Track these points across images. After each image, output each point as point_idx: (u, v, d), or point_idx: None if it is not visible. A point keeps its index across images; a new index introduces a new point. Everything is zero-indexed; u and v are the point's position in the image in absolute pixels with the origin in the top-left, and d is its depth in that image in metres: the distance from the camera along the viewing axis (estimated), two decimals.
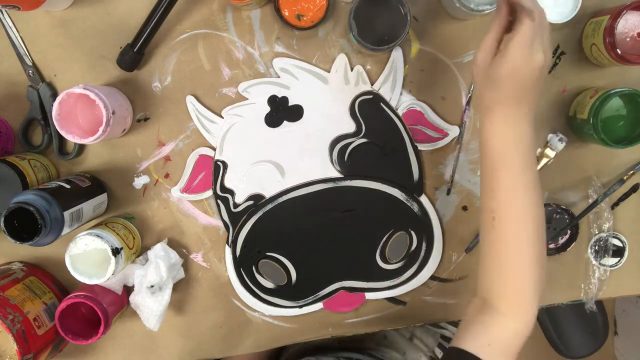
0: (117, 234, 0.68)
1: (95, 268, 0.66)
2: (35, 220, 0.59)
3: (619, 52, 0.62)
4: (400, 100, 0.71)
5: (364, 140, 0.71)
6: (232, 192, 0.73)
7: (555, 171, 0.72)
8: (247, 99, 0.72)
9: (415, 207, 0.72)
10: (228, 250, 0.75)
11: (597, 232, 0.72)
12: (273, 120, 0.72)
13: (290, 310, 0.75)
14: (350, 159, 0.71)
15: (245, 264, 0.74)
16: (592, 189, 0.71)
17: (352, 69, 0.70)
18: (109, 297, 0.70)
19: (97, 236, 0.65)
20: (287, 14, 0.67)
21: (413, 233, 0.73)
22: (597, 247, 0.72)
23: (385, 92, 0.71)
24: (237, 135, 0.72)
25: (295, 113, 0.71)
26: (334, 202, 0.72)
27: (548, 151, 0.71)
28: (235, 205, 0.73)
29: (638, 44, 0.63)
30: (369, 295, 0.75)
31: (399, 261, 0.73)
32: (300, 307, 0.75)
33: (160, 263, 0.70)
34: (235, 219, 0.74)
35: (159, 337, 0.75)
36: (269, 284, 0.75)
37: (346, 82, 0.71)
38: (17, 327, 0.63)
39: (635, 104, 0.64)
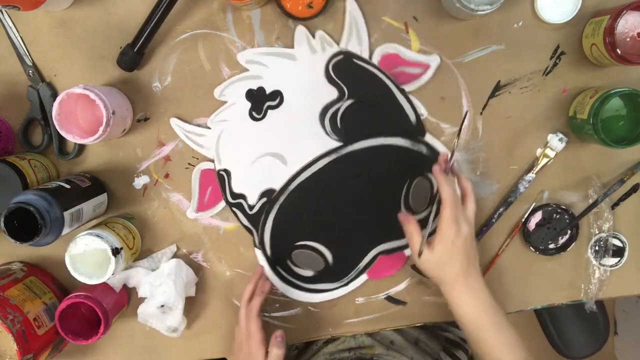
0: (117, 234, 0.68)
1: (95, 268, 0.66)
2: (35, 220, 0.59)
3: (619, 52, 0.62)
4: (372, 50, 0.70)
5: (350, 101, 0.70)
6: (243, 196, 0.73)
7: (555, 171, 0.72)
8: (226, 101, 0.72)
9: (423, 149, 0.71)
10: (259, 253, 0.74)
11: (597, 232, 0.72)
12: (257, 113, 0.71)
13: (338, 291, 0.74)
14: (343, 124, 0.71)
15: (279, 261, 0.74)
16: (592, 189, 0.71)
17: (314, 37, 0.70)
18: (109, 297, 0.70)
19: (97, 236, 0.65)
20: (289, 6, 0.67)
21: (430, 175, 0.71)
22: (597, 247, 0.72)
23: (353, 47, 0.70)
24: (229, 140, 0.72)
25: (275, 99, 0.71)
26: (342, 171, 0.72)
27: (548, 151, 0.71)
28: (251, 207, 0.73)
29: (638, 44, 0.63)
30: (408, 252, 0.73)
31: (426, 208, 0.72)
32: (346, 284, 0.74)
33: (172, 284, 0.70)
34: (255, 220, 0.74)
35: (159, 337, 0.75)
36: (308, 273, 0.74)
37: (312, 51, 0.70)
38: (17, 327, 0.63)
39: (635, 104, 0.64)
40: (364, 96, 0.70)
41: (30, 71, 0.71)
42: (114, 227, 0.69)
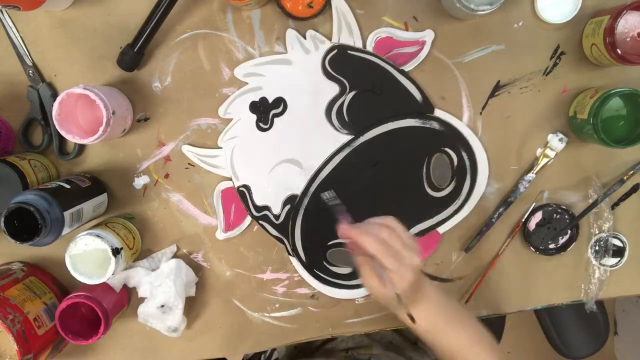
0: (117, 234, 0.68)
1: (95, 268, 0.66)
2: (35, 220, 0.59)
3: (619, 52, 0.62)
4: (365, 38, 0.70)
5: (352, 93, 0.71)
6: (267, 208, 0.73)
7: (555, 171, 0.72)
8: (232, 119, 0.72)
9: (435, 125, 0.71)
10: (294, 260, 0.74)
11: (597, 232, 0.72)
12: (264, 123, 0.72)
13: None
14: (350, 117, 0.71)
15: (316, 264, 0.74)
16: (592, 189, 0.71)
17: (305, 37, 0.70)
18: (109, 297, 0.70)
19: (97, 236, 0.65)
20: (289, 6, 0.67)
21: (447, 149, 0.71)
22: (597, 247, 0.72)
23: (346, 39, 0.70)
24: (242, 155, 0.73)
25: (279, 106, 0.71)
26: (359, 163, 0.72)
27: (548, 151, 0.71)
28: (277, 217, 0.73)
29: (638, 44, 0.63)
30: (442, 229, 0.73)
31: (449, 182, 0.72)
32: None
33: (172, 284, 0.70)
34: (283, 229, 0.74)
35: (159, 337, 0.75)
36: (346, 270, 0.74)
37: (306, 52, 0.70)
38: (17, 327, 0.63)
39: (635, 104, 0.64)
40: (365, 85, 0.70)
41: (30, 71, 0.71)
42: (114, 227, 0.69)
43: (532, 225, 0.72)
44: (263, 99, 0.71)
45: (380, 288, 0.57)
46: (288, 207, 0.73)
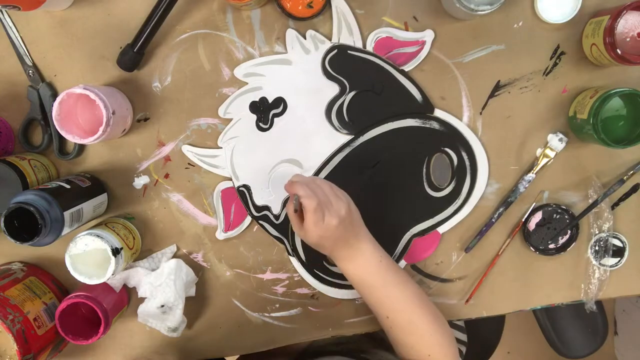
0: (117, 234, 0.68)
1: (95, 268, 0.66)
2: (35, 220, 0.59)
3: (619, 52, 0.62)
4: (365, 37, 0.70)
5: (352, 93, 0.71)
6: (267, 208, 0.73)
7: (555, 171, 0.72)
8: (232, 119, 0.72)
9: (435, 125, 0.71)
10: (294, 260, 0.74)
11: (597, 232, 0.72)
12: (264, 123, 0.72)
13: None
14: (350, 117, 0.71)
15: (315, 264, 0.74)
16: (592, 189, 0.71)
17: (305, 37, 0.70)
18: (109, 297, 0.70)
19: (97, 236, 0.65)
20: (289, 6, 0.67)
21: (447, 149, 0.71)
22: (597, 247, 0.72)
23: (346, 39, 0.70)
24: (242, 155, 0.73)
25: (279, 106, 0.71)
26: (359, 163, 0.72)
27: (548, 151, 0.71)
28: (277, 217, 0.73)
29: (638, 44, 0.63)
30: (442, 229, 0.73)
31: (449, 182, 0.72)
32: None
33: (172, 284, 0.71)
34: (283, 229, 0.74)
35: (159, 337, 0.75)
36: None
37: (306, 52, 0.70)
38: (17, 327, 0.63)
39: (635, 104, 0.64)
40: (365, 85, 0.70)
41: (30, 71, 0.71)
42: (114, 227, 0.69)
43: (532, 225, 0.72)
44: (263, 99, 0.71)
45: (301, 227, 0.62)
46: None
